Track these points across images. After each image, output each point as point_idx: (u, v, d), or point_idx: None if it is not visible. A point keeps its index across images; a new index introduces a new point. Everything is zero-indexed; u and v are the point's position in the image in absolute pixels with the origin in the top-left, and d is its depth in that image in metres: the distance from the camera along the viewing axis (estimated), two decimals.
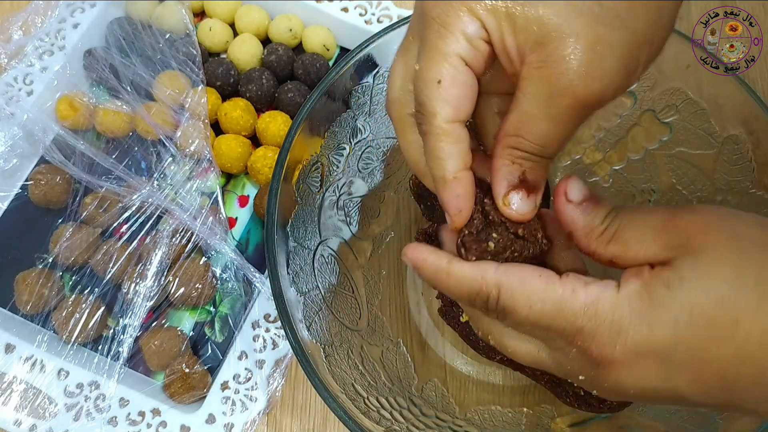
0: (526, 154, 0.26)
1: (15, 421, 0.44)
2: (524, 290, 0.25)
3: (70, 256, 0.49)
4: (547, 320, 0.25)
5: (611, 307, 0.23)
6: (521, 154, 0.26)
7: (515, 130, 0.25)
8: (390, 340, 0.45)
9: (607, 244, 0.25)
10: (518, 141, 0.26)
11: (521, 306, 0.25)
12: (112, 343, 0.47)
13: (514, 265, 0.26)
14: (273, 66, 0.56)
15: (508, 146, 0.26)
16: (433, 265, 0.27)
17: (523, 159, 0.26)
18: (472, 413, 0.43)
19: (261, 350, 0.47)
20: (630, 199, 0.48)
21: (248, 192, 0.55)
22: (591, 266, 0.28)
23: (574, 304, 0.24)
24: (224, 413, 0.45)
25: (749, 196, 0.40)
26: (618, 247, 0.25)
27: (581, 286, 0.24)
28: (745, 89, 0.38)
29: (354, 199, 0.46)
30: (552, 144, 0.26)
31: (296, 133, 0.39)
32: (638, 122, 0.45)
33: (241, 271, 0.49)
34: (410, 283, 0.49)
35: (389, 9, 0.58)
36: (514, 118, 0.25)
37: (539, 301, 0.25)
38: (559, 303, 0.24)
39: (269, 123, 0.53)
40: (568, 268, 0.28)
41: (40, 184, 0.51)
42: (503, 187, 0.27)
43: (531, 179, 0.26)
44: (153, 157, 0.53)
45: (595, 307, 0.24)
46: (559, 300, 0.24)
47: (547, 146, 0.26)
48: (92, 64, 0.55)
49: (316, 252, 0.43)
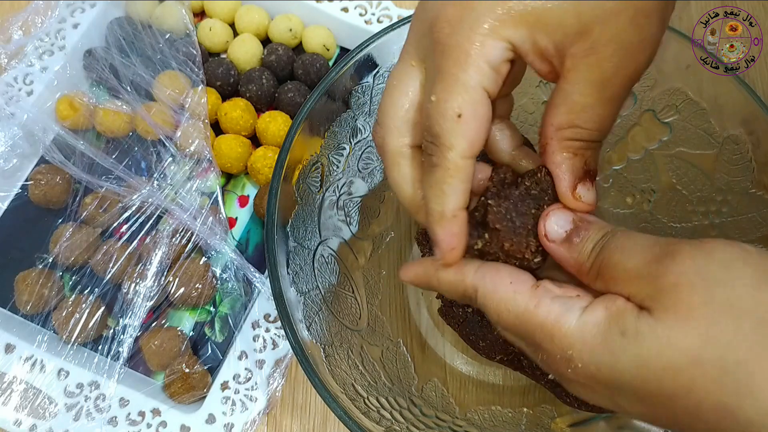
0: (586, 143, 0.25)
1: (15, 421, 0.44)
2: (494, 296, 0.25)
3: (70, 256, 0.49)
4: (513, 327, 0.25)
5: (566, 333, 0.23)
6: (581, 144, 0.25)
7: (569, 122, 0.25)
8: (390, 340, 0.45)
9: (594, 280, 0.25)
10: (575, 132, 0.25)
11: (492, 311, 0.25)
12: (112, 343, 0.47)
13: (492, 267, 0.26)
14: (273, 66, 0.56)
15: (565, 139, 0.25)
16: (425, 277, 0.28)
17: (583, 149, 0.26)
18: (472, 413, 0.43)
19: (261, 350, 0.47)
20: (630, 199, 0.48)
21: (248, 192, 0.55)
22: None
23: (534, 319, 0.24)
24: (224, 413, 0.45)
25: (749, 196, 0.40)
26: (603, 285, 0.24)
27: (547, 301, 0.24)
28: (745, 89, 0.38)
29: (354, 199, 0.46)
30: (608, 126, 0.25)
31: (296, 133, 0.39)
32: (638, 122, 0.45)
33: (241, 271, 0.49)
34: None
35: (389, 9, 0.58)
36: (564, 110, 0.25)
37: (505, 310, 0.25)
38: (522, 315, 0.24)
39: (269, 123, 0.53)
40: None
41: (40, 184, 0.51)
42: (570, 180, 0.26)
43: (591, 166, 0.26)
44: (153, 157, 0.53)
45: (552, 329, 0.24)
46: (522, 312, 0.24)
47: (604, 129, 0.25)
48: (92, 64, 0.55)
49: (316, 252, 0.43)
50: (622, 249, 0.24)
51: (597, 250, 0.24)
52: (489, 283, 0.26)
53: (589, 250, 0.25)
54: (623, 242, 0.24)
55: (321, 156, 0.43)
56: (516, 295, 0.25)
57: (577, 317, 0.23)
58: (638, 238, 0.24)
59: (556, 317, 0.24)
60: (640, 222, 0.48)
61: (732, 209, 0.42)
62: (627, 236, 0.24)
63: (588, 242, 0.25)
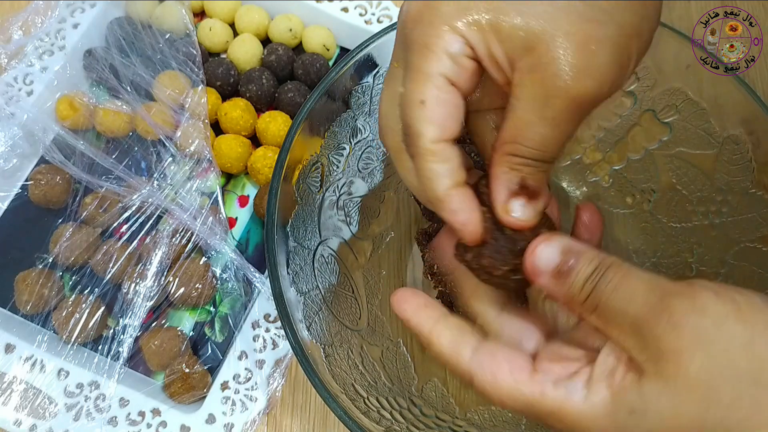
0: (525, 160, 0.26)
1: (15, 421, 0.44)
2: (495, 387, 0.26)
3: (70, 256, 0.49)
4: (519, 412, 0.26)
5: (577, 417, 0.24)
6: (520, 160, 0.26)
7: (512, 137, 0.25)
8: (390, 340, 0.45)
9: (590, 314, 0.24)
10: (516, 147, 0.25)
11: (494, 398, 0.26)
12: (112, 343, 0.47)
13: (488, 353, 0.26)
14: (273, 66, 0.56)
15: (506, 153, 0.26)
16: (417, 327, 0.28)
17: (522, 165, 0.26)
18: (472, 413, 0.43)
19: (261, 350, 0.47)
20: (630, 199, 0.48)
21: (248, 192, 0.55)
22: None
23: (542, 407, 0.25)
24: (224, 413, 0.45)
25: (749, 196, 0.40)
26: (599, 322, 0.24)
27: (550, 387, 0.25)
28: (745, 89, 0.38)
29: (354, 199, 0.46)
30: (550, 147, 0.25)
31: (296, 133, 0.39)
32: (638, 122, 0.45)
33: (241, 271, 0.49)
34: (410, 283, 0.49)
35: (389, 9, 0.58)
36: (510, 125, 0.25)
37: (509, 399, 0.25)
38: (528, 404, 0.25)
39: (269, 123, 0.53)
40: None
41: (40, 184, 0.51)
42: (503, 194, 0.26)
43: (532, 185, 0.26)
44: (153, 157, 0.53)
45: (562, 414, 0.24)
46: (527, 401, 0.25)
47: (546, 150, 0.25)
48: (92, 64, 0.55)
49: (316, 252, 0.43)
50: (618, 297, 0.23)
51: (589, 286, 0.24)
52: (488, 372, 0.26)
53: (580, 285, 0.24)
54: (617, 286, 0.24)
55: (321, 156, 0.43)
56: (518, 385, 0.25)
57: (583, 398, 0.24)
58: (632, 280, 0.23)
59: (562, 402, 0.24)
60: (640, 222, 0.48)
61: (732, 209, 0.42)
62: (621, 274, 0.24)
63: (578, 276, 0.24)
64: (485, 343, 0.27)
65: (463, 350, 0.27)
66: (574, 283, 0.24)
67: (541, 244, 0.25)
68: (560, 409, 0.24)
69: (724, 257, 0.42)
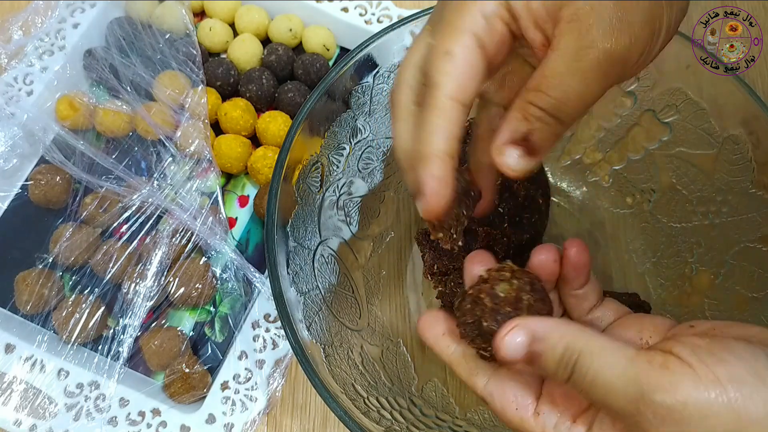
0: (541, 112, 0.25)
1: (15, 421, 0.44)
2: (503, 417, 0.28)
3: (70, 256, 0.49)
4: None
5: None
6: (535, 110, 0.25)
7: (536, 86, 0.25)
8: (390, 340, 0.45)
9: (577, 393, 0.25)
10: (537, 96, 0.25)
11: (503, 422, 0.29)
12: (112, 343, 0.47)
13: (499, 383, 0.29)
14: (273, 66, 0.56)
15: (525, 101, 0.25)
16: (438, 353, 0.31)
17: (535, 117, 0.25)
18: (472, 413, 0.43)
19: (261, 350, 0.47)
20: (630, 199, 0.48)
21: (248, 192, 0.55)
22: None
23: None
24: (224, 413, 0.45)
25: (749, 196, 0.40)
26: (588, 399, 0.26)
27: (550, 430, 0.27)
28: (745, 89, 0.38)
29: (354, 199, 0.46)
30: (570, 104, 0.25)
31: (296, 133, 0.39)
32: (638, 122, 0.45)
33: (241, 271, 0.49)
34: (410, 283, 0.49)
35: (389, 9, 0.58)
36: (538, 73, 0.25)
37: (516, 429, 0.28)
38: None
39: (269, 123, 0.53)
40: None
41: (40, 184, 0.51)
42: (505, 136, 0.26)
43: (536, 140, 0.26)
44: (153, 157, 0.53)
45: None
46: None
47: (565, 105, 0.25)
48: (92, 64, 0.55)
49: (316, 252, 0.43)
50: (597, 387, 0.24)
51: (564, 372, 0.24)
52: (497, 404, 0.28)
53: (553, 368, 0.25)
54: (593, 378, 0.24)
55: (321, 156, 0.43)
56: (523, 423, 0.28)
57: None
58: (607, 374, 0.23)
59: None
60: (640, 222, 0.48)
61: (732, 209, 0.42)
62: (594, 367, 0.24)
63: (548, 362, 0.25)
64: (497, 374, 0.29)
65: (477, 381, 0.29)
66: (547, 367, 0.25)
67: (506, 334, 0.26)
68: None
69: (724, 257, 0.42)
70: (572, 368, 0.24)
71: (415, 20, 0.41)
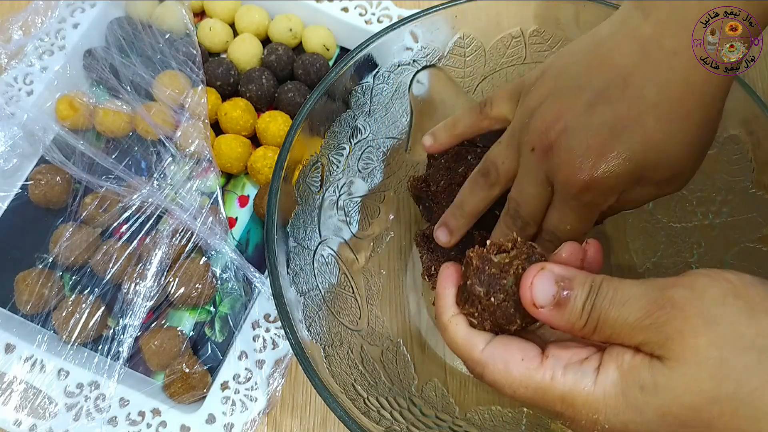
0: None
1: (15, 421, 0.44)
2: (507, 376, 0.26)
3: (70, 256, 0.49)
4: (530, 401, 0.26)
5: (587, 399, 0.25)
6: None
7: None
8: (390, 340, 0.45)
9: (592, 335, 0.25)
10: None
11: (506, 387, 0.27)
12: (112, 343, 0.47)
13: (501, 344, 0.27)
14: (273, 66, 0.56)
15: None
16: (440, 309, 0.30)
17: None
18: (472, 413, 0.43)
19: (261, 350, 0.47)
20: None
21: (248, 192, 0.55)
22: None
23: (552, 392, 0.25)
24: (224, 413, 0.45)
25: (749, 196, 0.40)
26: (602, 337, 0.25)
27: (560, 372, 0.25)
28: (745, 89, 0.38)
29: (354, 199, 0.46)
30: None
31: (296, 133, 0.39)
32: None
33: (241, 271, 0.49)
34: (410, 283, 0.49)
35: (389, 9, 0.58)
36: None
37: (521, 386, 0.26)
38: (539, 389, 0.26)
39: (269, 123, 0.53)
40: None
41: (40, 184, 0.51)
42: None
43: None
44: (153, 157, 0.53)
45: (572, 398, 0.25)
46: (538, 387, 0.26)
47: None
48: (92, 64, 0.55)
49: (316, 252, 0.43)
50: (617, 304, 0.25)
51: (588, 308, 0.25)
52: (500, 361, 0.27)
53: (579, 309, 0.25)
54: (614, 296, 0.25)
55: (321, 156, 0.43)
56: (530, 372, 0.26)
57: (593, 381, 0.25)
58: (627, 289, 0.25)
59: (573, 385, 0.25)
60: (640, 222, 0.48)
61: (732, 209, 0.42)
62: (614, 288, 0.25)
63: (577, 301, 0.25)
64: (499, 337, 0.28)
65: (477, 341, 0.28)
66: (574, 309, 0.25)
67: (536, 277, 0.26)
68: (571, 392, 0.25)
69: (724, 257, 0.42)
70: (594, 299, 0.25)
71: (415, 20, 0.41)
